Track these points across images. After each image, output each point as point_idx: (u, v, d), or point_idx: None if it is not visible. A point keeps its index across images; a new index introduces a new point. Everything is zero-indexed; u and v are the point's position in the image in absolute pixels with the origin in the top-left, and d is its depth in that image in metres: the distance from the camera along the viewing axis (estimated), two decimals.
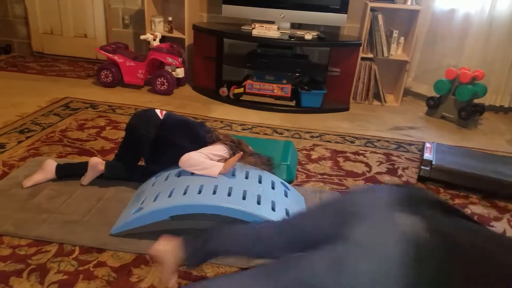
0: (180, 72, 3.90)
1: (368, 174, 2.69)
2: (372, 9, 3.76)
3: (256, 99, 3.73)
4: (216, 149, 2.10)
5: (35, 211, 2.02)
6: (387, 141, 3.22)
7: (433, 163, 2.64)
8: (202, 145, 2.11)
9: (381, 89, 4.00)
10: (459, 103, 3.62)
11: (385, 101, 4.03)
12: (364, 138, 3.24)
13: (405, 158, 2.97)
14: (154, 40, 3.89)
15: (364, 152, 3.00)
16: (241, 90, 3.73)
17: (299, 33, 3.73)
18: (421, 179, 2.65)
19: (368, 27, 3.80)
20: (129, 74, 3.87)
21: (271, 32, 3.64)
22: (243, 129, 3.22)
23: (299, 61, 3.76)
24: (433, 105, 3.80)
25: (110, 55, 3.84)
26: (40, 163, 2.33)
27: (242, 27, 3.86)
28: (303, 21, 3.85)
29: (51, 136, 2.86)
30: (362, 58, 3.88)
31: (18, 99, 3.43)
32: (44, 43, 4.72)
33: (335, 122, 3.53)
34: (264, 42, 3.68)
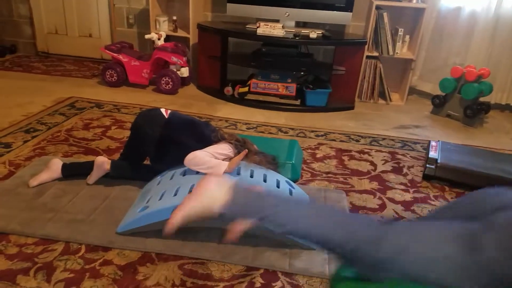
0: (184, 72, 3.91)
1: (373, 173, 2.69)
2: (378, 7, 3.75)
3: (261, 98, 3.73)
4: (221, 148, 2.10)
5: (41, 210, 2.03)
6: (392, 140, 3.21)
7: (439, 161, 2.63)
8: (207, 144, 2.12)
9: (386, 88, 3.99)
10: (464, 101, 3.61)
11: (390, 100, 4.03)
12: (369, 137, 3.23)
13: (411, 156, 2.96)
14: (158, 39, 3.90)
15: (369, 150, 3.00)
16: (246, 89, 3.73)
17: (304, 31, 3.72)
18: (426, 177, 2.64)
19: (374, 25, 3.79)
20: (134, 74, 3.88)
21: (276, 30, 3.64)
22: (248, 128, 3.22)
23: (304, 59, 3.75)
24: (438, 103, 3.79)
25: (115, 55, 3.85)
26: (46, 162, 2.34)
27: (247, 26, 3.86)
28: (308, 19, 3.85)
29: (57, 135, 2.87)
30: (367, 57, 3.87)
31: (23, 99, 3.45)
32: (49, 43, 4.74)
33: (340, 121, 3.53)
34: (269, 41, 3.68)
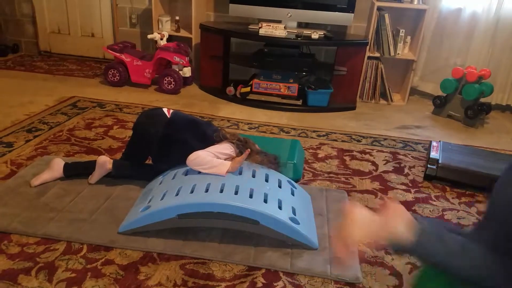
0: (187, 71, 3.91)
1: (374, 173, 2.69)
2: (379, 8, 3.76)
3: (263, 98, 3.74)
4: (223, 148, 2.11)
5: (43, 210, 2.04)
6: (394, 140, 3.21)
7: (440, 161, 2.64)
8: (209, 144, 2.12)
9: (388, 88, 3.99)
10: (465, 102, 3.61)
11: (391, 100, 4.03)
12: (371, 137, 3.24)
13: (412, 157, 2.96)
14: (161, 39, 3.90)
15: (371, 151, 3.00)
16: (248, 89, 3.74)
17: (306, 32, 3.73)
18: (427, 177, 2.65)
19: (375, 26, 3.79)
20: (136, 73, 3.89)
21: (278, 31, 3.64)
22: (250, 128, 3.23)
23: (306, 60, 3.76)
24: (439, 104, 3.79)
25: (118, 54, 3.86)
26: (48, 162, 2.35)
27: (249, 26, 3.86)
28: (310, 20, 3.85)
29: (59, 135, 2.88)
30: (369, 57, 3.87)
31: (25, 98, 3.46)
32: (52, 42, 4.75)
33: (341, 121, 3.53)
34: (271, 41, 3.69)
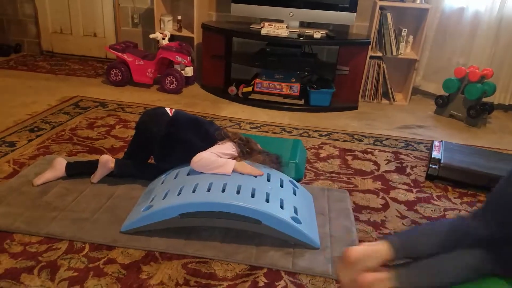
0: (189, 71, 3.92)
1: (376, 173, 2.69)
2: (381, 8, 3.75)
3: (265, 97, 3.74)
4: (225, 148, 2.11)
5: (46, 209, 2.04)
6: (396, 140, 3.21)
7: (442, 161, 2.63)
8: (211, 143, 2.12)
9: (390, 88, 3.98)
10: (468, 101, 3.60)
11: (393, 100, 4.02)
12: (373, 137, 3.23)
13: (414, 156, 2.96)
14: (163, 39, 3.90)
15: (373, 150, 3.00)
16: (250, 89, 3.74)
17: (308, 31, 3.73)
18: (429, 177, 2.64)
19: (377, 25, 3.79)
20: (138, 73, 3.89)
21: (280, 30, 3.64)
22: (252, 128, 3.23)
23: (308, 59, 3.76)
24: (442, 103, 3.79)
25: (120, 54, 3.86)
26: (50, 161, 2.35)
27: (251, 26, 3.86)
28: (312, 19, 3.85)
29: (61, 134, 2.88)
30: (371, 57, 3.86)
31: (28, 98, 3.46)
32: (54, 42, 4.75)
33: (343, 120, 3.53)
34: (273, 40, 3.69)
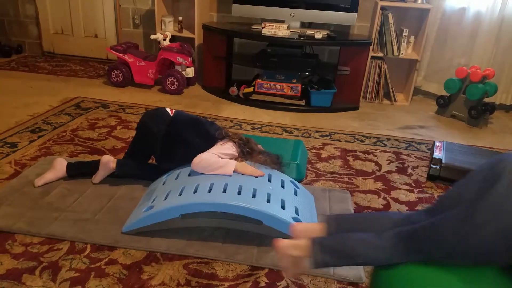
0: (190, 72, 3.92)
1: (378, 173, 2.69)
2: (382, 8, 3.75)
3: (266, 98, 3.74)
4: (226, 148, 2.11)
5: (47, 210, 2.04)
6: (397, 140, 3.21)
7: (443, 161, 2.63)
8: (212, 142, 2.12)
9: (391, 88, 3.98)
10: (469, 102, 3.60)
11: (395, 100, 4.02)
12: (374, 137, 3.23)
13: (415, 157, 2.96)
14: (164, 39, 3.91)
15: (374, 151, 3.00)
16: (251, 89, 3.74)
17: (309, 32, 3.73)
18: (430, 177, 2.64)
19: (378, 26, 3.79)
20: (139, 74, 3.90)
21: (281, 31, 3.64)
22: (253, 128, 3.23)
23: (309, 60, 3.75)
24: (443, 104, 3.78)
25: (121, 55, 3.86)
26: (51, 162, 2.35)
27: (252, 27, 3.86)
28: (313, 20, 3.85)
29: (63, 135, 2.88)
30: (372, 57, 3.86)
31: (29, 99, 3.47)
32: (55, 43, 4.76)
33: (345, 121, 3.53)
34: (274, 41, 3.69)
